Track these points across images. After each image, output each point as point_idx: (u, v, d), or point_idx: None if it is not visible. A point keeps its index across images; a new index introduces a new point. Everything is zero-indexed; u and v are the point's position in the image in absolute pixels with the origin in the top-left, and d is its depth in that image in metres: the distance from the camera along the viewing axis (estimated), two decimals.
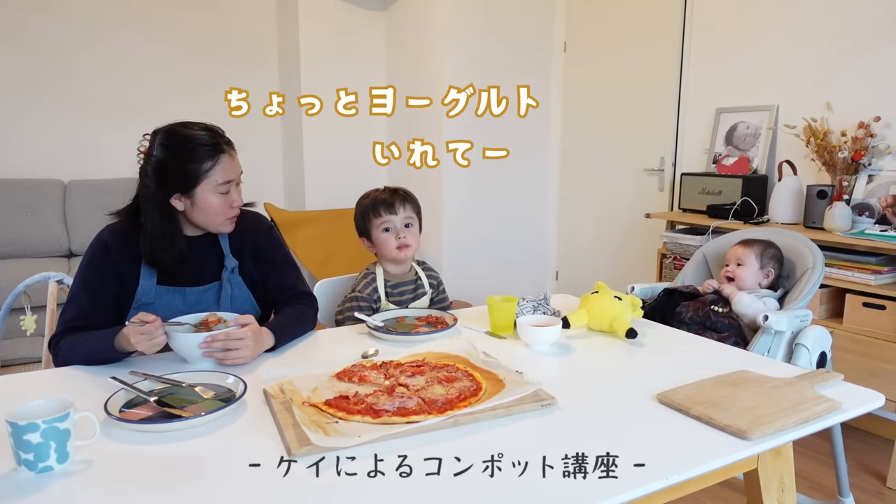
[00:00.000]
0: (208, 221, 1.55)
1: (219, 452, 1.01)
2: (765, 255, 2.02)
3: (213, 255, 1.62)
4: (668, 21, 3.58)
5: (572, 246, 4.38)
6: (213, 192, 1.51)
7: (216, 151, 1.50)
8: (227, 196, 1.53)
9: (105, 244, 1.52)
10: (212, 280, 1.60)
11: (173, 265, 1.52)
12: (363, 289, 1.81)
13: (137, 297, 1.51)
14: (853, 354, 2.50)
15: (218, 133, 1.55)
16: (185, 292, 1.55)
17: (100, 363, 1.38)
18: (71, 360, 1.39)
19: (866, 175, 2.79)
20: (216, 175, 1.50)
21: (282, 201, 4.61)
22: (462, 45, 3.99)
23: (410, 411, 1.10)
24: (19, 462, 0.94)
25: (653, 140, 3.73)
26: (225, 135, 1.56)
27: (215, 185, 1.50)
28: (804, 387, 1.22)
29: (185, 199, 1.51)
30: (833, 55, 2.92)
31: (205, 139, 1.51)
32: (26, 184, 3.71)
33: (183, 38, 4.18)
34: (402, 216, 1.83)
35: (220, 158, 1.51)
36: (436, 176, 4.07)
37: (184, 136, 1.50)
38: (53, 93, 3.88)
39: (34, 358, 2.90)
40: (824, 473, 2.38)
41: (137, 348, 1.32)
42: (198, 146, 1.49)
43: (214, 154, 1.50)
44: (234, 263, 1.62)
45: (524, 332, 1.52)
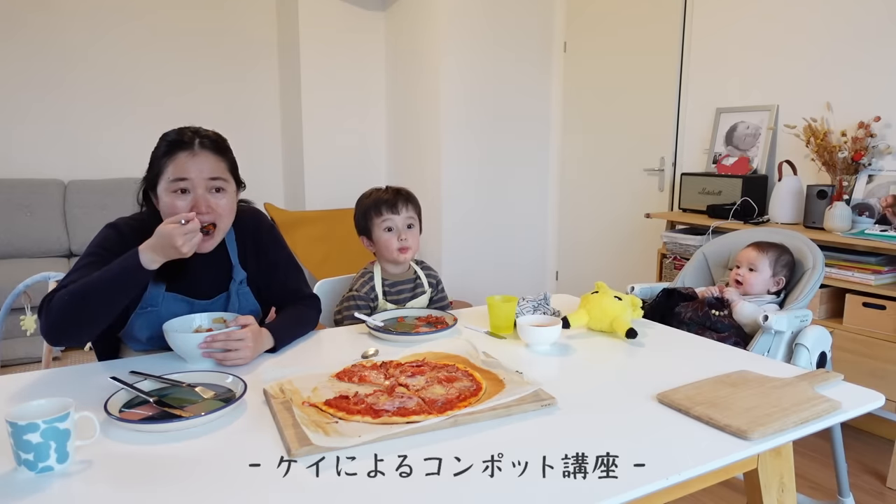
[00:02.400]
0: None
1: (219, 452, 1.01)
2: (779, 262, 1.97)
3: (222, 265, 1.57)
4: (669, 21, 3.58)
5: (572, 246, 4.38)
6: (166, 192, 1.41)
7: (176, 146, 1.41)
8: (184, 197, 1.41)
9: (119, 229, 1.47)
10: (220, 291, 1.56)
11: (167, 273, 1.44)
12: (360, 287, 1.81)
13: (143, 302, 1.47)
14: (853, 354, 2.50)
15: (192, 131, 1.45)
16: (192, 303, 1.52)
17: (109, 302, 1.31)
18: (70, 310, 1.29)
19: (866, 175, 2.79)
20: (169, 171, 1.41)
21: (282, 201, 4.61)
22: (462, 45, 3.99)
23: (410, 411, 1.10)
24: (19, 462, 0.94)
25: (653, 140, 3.73)
26: (203, 136, 1.45)
27: (168, 182, 1.41)
28: (804, 387, 1.22)
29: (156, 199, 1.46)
30: (833, 55, 2.92)
31: (171, 134, 1.44)
32: (26, 184, 3.71)
33: (184, 39, 4.18)
34: (404, 216, 1.83)
35: (177, 154, 1.41)
36: (436, 176, 4.07)
37: (167, 134, 1.46)
38: (53, 93, 3.88)
39: (34, 358, 2.91)
40: (824, 473, 2.38)
41: (182, 249, 1.28)
42: (163, 140, 1.45)
43: (172, 149, 1.41)
44: (243, 276, 1.57)
45: (524, 332, 1.52)
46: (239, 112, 4.37)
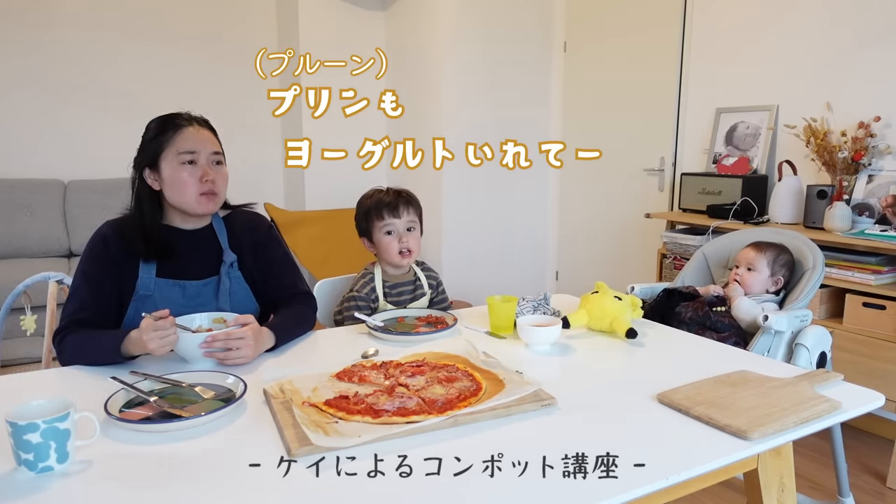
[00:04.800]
0: (180, 199, 1.55)
1: (219, 452, 1.01)
2: (777, 261, 1.97)
3: (212, 249, 1.63)
4: (668, 21, 3.58)
5: (572, 246, 4.38)
6: (175, 162, 1.53)
7: (180, 122, 1.55)
8: (193, 168, 1.54)
9: (104, 238, 1.54)
10: (211, 274, 1.61)
11: (155, 251, 1.53)
12: (361, 288, 1.81)
13: (137, 290, 1.53)
14: (853, 354, 2.50)
15: (189, 114, 1.60)
16: (184, 286, 1.56)
17: (103, 365, 1.38)
18: (75, 360, 1.40)
19: (866, 175, 2.79)
20: (176, 144, 1.53)
21: (282, 201, 4.61)
22: (462, 45, 3.99)
23: (410, 411, 1.10)
24: (19, 462, 0.94)
25: (653, 140, 3.73)
26: (200, 117, 1.61)
27: (177, 155, 1.53)
28: (804, 387, 1.22)
29: (157, 176, 1.55)
30: (833, 55, 2.92)
31: (171, 115, 1.57)
32: (26, 184, 3.71)
33: (184, 39, 4.18)
34: (405, 220, 1.83)
35: (182, 130, 1.54)
36: (436, 176, 4.07)
37: (158, 117, 1.58)
38: (54, 93, 3.88)
39: (34, 358, 2.90)
40: (824, 473, 2.38)
41: (148, 346, 1.31)
42: (163, 121, 1.56)
43: (177, 125, 1.55)
44: (233, 258, 1.62)
45: (524, 332, 1.52)
46: (239, 112, 4.36)
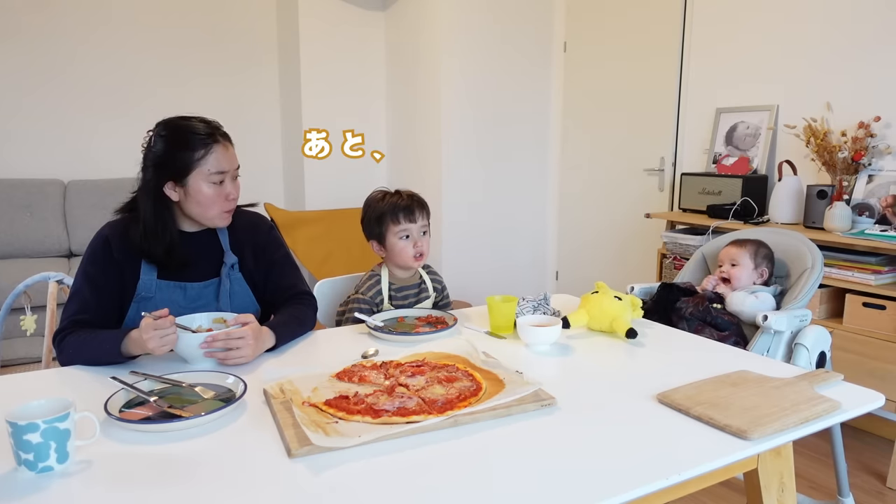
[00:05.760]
0: (203, 213, 1.55)
1: (219, 452, 1.01)
2: (758, 254, 2.03)
3: (213, 251, 1.63)
4: (669, 21, 3.58)
5: (572, 246, 4.38)
6: (205, 182, 1.52)
7: (210, 141, 1.52)
8: (221, 187, 1.54)
9: (105, 239, 1.54)
10: (212, 276, 1.61)
11: (164, 257, 1.53)
12: (366, 291, 1.81)
13: (138, 291, 1.53)
14: (853, 354, 2.50)
15: (214, 125, 1.57)
16: (185, 287, 1.56)
17: (104, 365, 1.38)
18: (75, 360, 1.40)
19: (866, 175, 2.79)
20: (209, 164, 1.51)
21: (282, 201, 4.61)
22: (462, 44, 3.99)
23: (410, 411, 1.10)
24: (19, 462, 0.94)
25: (653, 140, 3.73)
26: (221, 128, 1.58)
27: (207, 175, 1.51)
28: (804, 387, 1.22)
29: (179, 189, 1.53)
30: (833, 55, 2.92)
31: (199, 129, 1.53)
32: (26, 184, 3.71)
33: (184, 39, 4.18)
34: (419, 224, 1.83)
35: (214, 148, 1.52)
36: (436, 176, 4.07)
37: (180, 126, 1.54)
38: (53, 93, 3.88)
39: (34, 358, 2.91)
40: (824, 473, 2.38)
41: (148, 345, 1.31)
42: (192, 135, 1.52)
43: (208, 143, 1.52)
44: (234, 259, 1.63)
45: (524, 332, 1.52)
46: (239, 112, 4.36)
